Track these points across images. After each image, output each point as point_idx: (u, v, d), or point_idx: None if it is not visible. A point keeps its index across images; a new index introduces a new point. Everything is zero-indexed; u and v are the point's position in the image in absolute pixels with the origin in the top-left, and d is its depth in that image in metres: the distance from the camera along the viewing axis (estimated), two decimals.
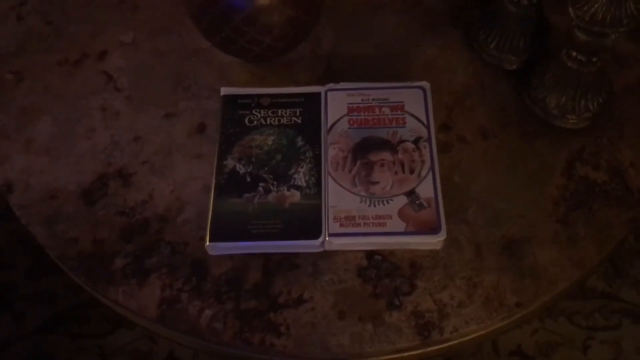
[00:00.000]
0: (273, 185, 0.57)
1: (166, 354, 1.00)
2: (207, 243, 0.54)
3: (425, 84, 0.61)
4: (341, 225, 0.54)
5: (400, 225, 0.53)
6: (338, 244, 0.54)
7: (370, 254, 0.55)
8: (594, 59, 0.55)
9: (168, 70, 0.67)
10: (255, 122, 0.60)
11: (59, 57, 0.68)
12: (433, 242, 0.54)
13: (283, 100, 0.62)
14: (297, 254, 0.55)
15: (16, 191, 0.60)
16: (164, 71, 0.67)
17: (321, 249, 0.55)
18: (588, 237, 0.55)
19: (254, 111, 0.61)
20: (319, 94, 0.62)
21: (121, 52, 0.68)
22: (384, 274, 0.54)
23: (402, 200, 0.55)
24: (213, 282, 0.54)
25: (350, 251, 0.55)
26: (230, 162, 0.58)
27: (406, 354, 0.52)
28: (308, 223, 0.54)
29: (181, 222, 0.57)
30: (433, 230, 0.53)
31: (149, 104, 0.64)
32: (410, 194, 0.55)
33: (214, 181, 0.57)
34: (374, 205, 0.55)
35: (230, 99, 0.62)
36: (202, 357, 1.00)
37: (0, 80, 0.67)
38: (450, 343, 0.52)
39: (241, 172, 0.57)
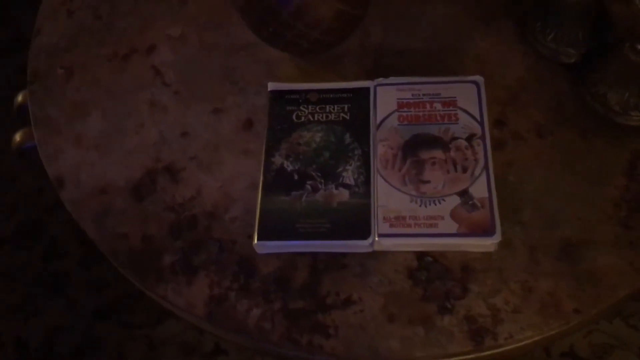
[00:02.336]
0: (321, 183, 0.56)
1: (213, 346, 1.02)
2: (255, 242, 0.54)
3: (478, 78, 0.59)
4: (391, 225, 0.53)
5: (453, 227, 0.52)
6: (387, 244, 0.53)
7: (420, 255, 0.53)
8: None
9: (216, 65, 0.66)
10: (302, 119, 0.59)
11: (108, 51, 0.69)
12: (487, 244, 0.52)
13: (331, 95, 0.61)
14: (344, 254, 0.54)
15: (67, 186, 0.60)
16: (211, 66, 0.66)
17: (370, 249, 0.53)
18: None
19: (301, 107, 0.60)
20: (367, 89, 0.60)
21: (169, 46, 0.68)
22: (435, 276, 0.53)
23: (455, 201, 0.53)
24: (261, 281, 0.54)
25: (399, 252, 0.54)
26: (277, 159, 0.57)
27: (458, 358, 0.51)
28: (357, 223, 0.53)
29: (229, 219, 0.57)
30: (487, 232, 0.52)
31: (196, 99, 0.64)
32: (463, 194, 0.53)
33: (261, 178, 0.57)
34: (425, 206, 0.53)
35: (277, 95, 0.61)
36: (248, 351, 1.00)
37: (51, 75, 0.68)
38: (504, 349, 0.51)
39: (289, 169, 0.57)
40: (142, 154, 0.61)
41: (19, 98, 0.74)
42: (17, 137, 0.72)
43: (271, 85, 0.62)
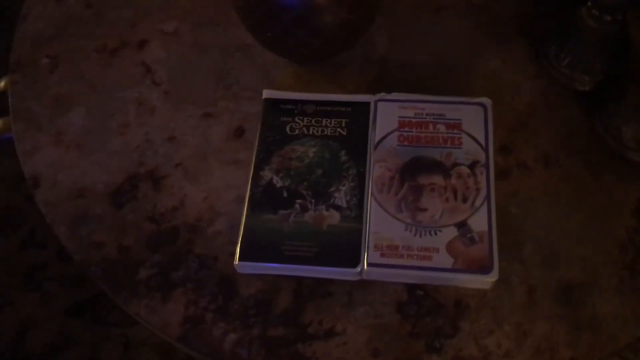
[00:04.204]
0: (311, 203, 0.52)
1: None
2: (236, 262, 0.50)
3: (486, 100, 0.56)
4: (382, 255, 0.49)
5: (448, 261, 0.49)
6: (377, 275, 0.50)
7: (411, 288, 0.50)
8: None
9: (209, 65, 0.63)
10: (297, 131, 0.56)
11: (97, 43, 0.65)
12: (483, 281, 0.49)
13: (329, 108, 0.57)
14: (331, 280, 0.51)
15: (43, 186, 0.57)
16: (205, 66, 0.63)
17: (358, 278, 0.50)
18: None
19: (296, 119, 0.57)
20: (368, 104, 0.57)
21: (162, 42, 0.65)
22: (425, 311, 0.49)
23: (452, 232, 0.50)
24: (240, 303, 0.50)
25: (390, 282, 0.51)
26: (267, 174, 0.54)
27: None
28: (346, 249, 0.50)
29: (212, 233, 0.54)
30: (484, 269, 0.48)
31: (186, 102, 0.61)
32: (462, 225, 0.50)
33: (248, 193, 0.53)
34: (420, 236, 0.50)
35: (272, 103, 0.58)
36: None
37: (36, 65, 0.64)
38: None
39: (278, 185, 0.53)
40: (124, 157, 0.58)
41: (1, 84, 0.70)
42: None
43: (266, 93, 0.58)
